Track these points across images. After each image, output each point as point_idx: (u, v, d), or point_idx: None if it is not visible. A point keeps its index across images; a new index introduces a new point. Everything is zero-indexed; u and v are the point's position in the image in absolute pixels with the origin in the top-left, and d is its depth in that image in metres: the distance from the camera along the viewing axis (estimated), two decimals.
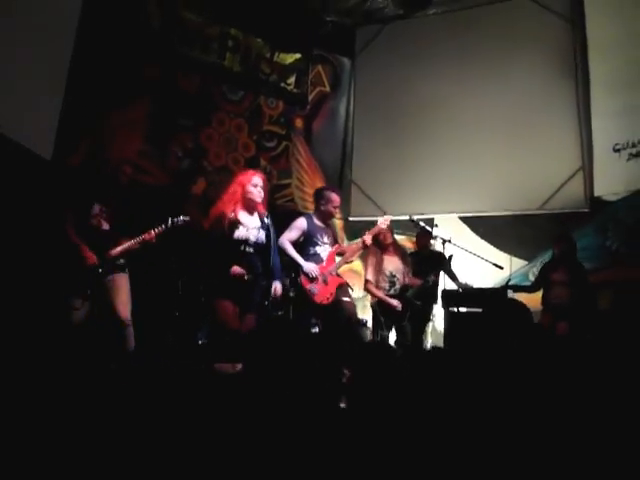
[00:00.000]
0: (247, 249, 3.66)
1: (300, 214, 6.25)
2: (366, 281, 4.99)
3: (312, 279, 4.14)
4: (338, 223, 6.48)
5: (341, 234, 6.55)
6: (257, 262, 3.68)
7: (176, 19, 5.73)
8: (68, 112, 4.92)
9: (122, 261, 3.79)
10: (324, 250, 4.31)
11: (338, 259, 4.38)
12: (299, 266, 4.17)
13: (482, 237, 6.84)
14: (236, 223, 3.64)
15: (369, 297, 5.21)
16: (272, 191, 6.19)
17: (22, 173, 4.38)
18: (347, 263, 4.56)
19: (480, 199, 6.24)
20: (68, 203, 3.87)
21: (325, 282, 4.19)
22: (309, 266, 4.15)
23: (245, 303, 3.62)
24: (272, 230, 3.73)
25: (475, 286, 5.30)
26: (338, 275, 4.34)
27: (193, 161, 5.75)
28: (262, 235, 3.71)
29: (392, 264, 4.98)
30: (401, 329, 4.96)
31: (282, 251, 4.17)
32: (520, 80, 6.08)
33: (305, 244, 4.28)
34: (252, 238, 3.68)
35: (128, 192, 4.04)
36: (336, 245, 4.46)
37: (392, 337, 5.14)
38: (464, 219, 6.79)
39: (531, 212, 6.13)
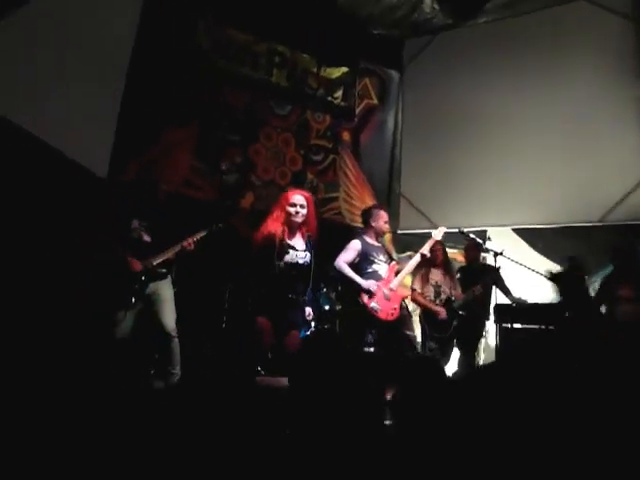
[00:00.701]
0: (292, 272, 3.65)
1: (348, 227, 6.29)
2: (412, 290, 4.98)
3: (371, 295, 4.12)
4: (387, 237, 6.37)
5: (390, 247, 6.45)
6: (300, 283, 3.68)
7: (224, 38, 5.87)
8: (122, 131, 5.13)
9: (164, 270, 3.83)
10: (381, 267, 4.30)
11: (397, 274, 4.35)
12: (357, 285, 4.16)
13: (539, 251, 6.55)
14: (286, 247, 3.64)
15: (417, 311, 5.12)
16: (319, 204, 6.20)
17: (79, 190, 4.58)
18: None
19: (535, 211, 5.97)
20: (113, 217, 4.01)
21: (387, 298, 4.18)
22: (368, 282, 4.15)
23: (288, 322, 3.61)
24: (312, 253, 3.72)
25: (529, 301, 5.06)
26: (399, 290, 4.32)
27: (241, 176, 5.83)
28: (308, 258, 3.70)
29: (438, 276, 4.98)
30: (446, 341, 4.84)
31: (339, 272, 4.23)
32: (577, 87, 5.82)
33: (362, 264, 4.28)
34: (300, 262, 3.68)
35: (172, 207, 4.14)
36: (394, 262, 4.45)
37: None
38: (519, 231, 6.53)
39: (591, 224, 5.82)
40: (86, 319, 3.83)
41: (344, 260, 4.24)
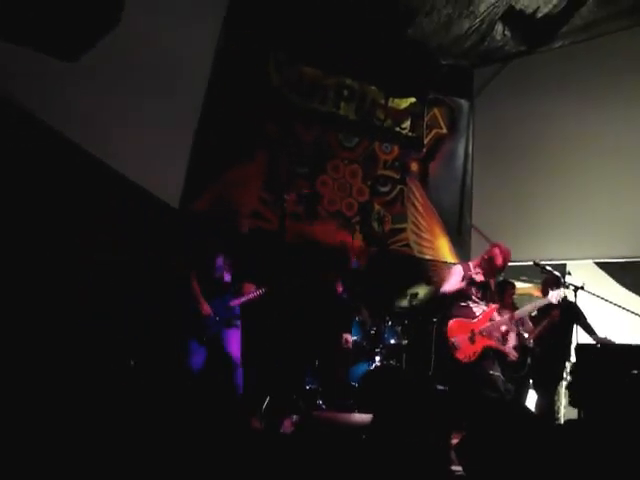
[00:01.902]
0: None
1: (415, 260, 6.13)
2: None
3: (459, 331, 3.94)
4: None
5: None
6: None
7: (295, 74, 6.03)
8: (195, 164, 5.35)
9: (236, 320, 3.99)
10: (478, 306, 4.07)
11: (493, 320, 4.09)
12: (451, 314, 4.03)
13: (627, 287, 6.05)
14: None
15: None
16: (387, 236, 6.11)
17: (152, 219, 4.79)
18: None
19: (620, 242, 5.55)
20: (194, 253, 4.15)
21: (472, 340, 3.94)
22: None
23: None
24: None
25: (616, 342, 4.64)
26: (489, 338, 4.02)
27: (308, 207, 5.86)
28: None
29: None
30: (520, 381, 4.52)
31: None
32: None
33: (457, 297, 4.08)
34: None
35: (248, 241, 4.23)
36: (494, 305, 4.16)
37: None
38: (602, 265, 6.08)
39: None
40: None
41: (454, 287, 4.10)
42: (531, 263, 4.60)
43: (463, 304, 4.05)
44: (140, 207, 4.59)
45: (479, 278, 4.11)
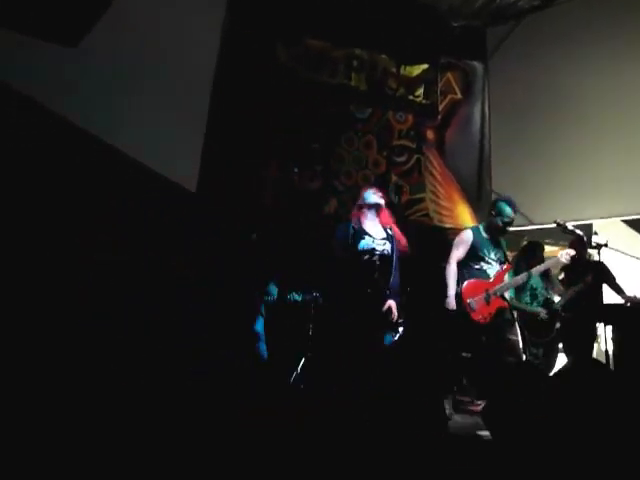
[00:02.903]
0: (373, 259, 3.60)
1: (437, 229, 6.05)
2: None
3: (473, 292, 3.92)
4: None
5: None
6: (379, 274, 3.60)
7: (302, 49, 5.94)
8: (209, 149, 5.34)
9: None
10: (491, 267, 4.05)
11: (507, 280, 4.08)
12: (445, 294, 4.02)
13: None
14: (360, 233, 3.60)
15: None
16: (405, 206, 6.03)
17: (169, 204, 4.82)
18: None
19: None
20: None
21: (487, 301, 3.94)
22: (451, 302, 3.97)
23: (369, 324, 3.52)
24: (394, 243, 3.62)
25: None
26: (503, 297, 4.03)
27: (324, 182, 5.82)
28: (388, 247, 3.65)
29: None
30: (549, 345, 4.46)
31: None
32: None
33: (469, 259, 4.07)
34: (378, 249, 3.62)
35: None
36: (507, 265, 4.16)
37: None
38: (630, 223, 5.92)
39: None
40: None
41: (456, 258, 4.08)
42: (554, 225, 4.52)
43: (477, 266, 4.02)
44: (156, 191, 4.62)
45: (486, 236, 4.16)
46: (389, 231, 3.77)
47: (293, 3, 5.82)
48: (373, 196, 3.90)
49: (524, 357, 4.57)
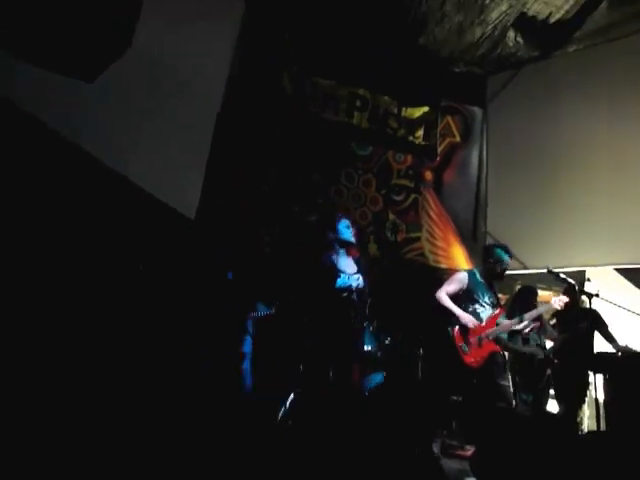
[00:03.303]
0: (351, 296, 3.60)
1: (431, 269, 6.08)
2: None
3: (466, 334, 3.90)
4: None
5: None
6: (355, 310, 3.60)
7: (308, 85, 6.08)
8: (211, 175, 5.40)
9: None
10: (484, 311, 4.04)
11: (500, 323, 4.05)
12: (456, 317, 3.97)
13: None
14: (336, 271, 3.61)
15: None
16: (401, 245, 6.09)
17: (169, 231, 4.84)
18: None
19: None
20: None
21: (479, 344, 3.92)
22: (468, 317, 3.93)
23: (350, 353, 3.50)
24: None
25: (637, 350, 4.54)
26: (495, 342, 4.00)
27: (322, 216, 5.87)
28: (361, 282, 3.66)
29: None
30: (540, 391, 4.44)
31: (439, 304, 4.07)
32: None
33: (463, 300, 4.07)
34: (353, 285, 3.63)
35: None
36: (500, 309, 4.15)
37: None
38: (622, 272, 5.97)
39: None
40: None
41: (445, 291, 4.08)
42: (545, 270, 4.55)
43: (470, 309, 4.02)
44: (156, 218, 4.65)
45: (481, 280, 4.13)
46: (358, 263, 3.74)
47: (303, 40, 5.97)
48: (348, 232, 3.84)
49: (514, 403, 4.54)
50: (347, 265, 3.73)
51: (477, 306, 4.05)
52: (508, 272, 5.80)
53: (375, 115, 6.33)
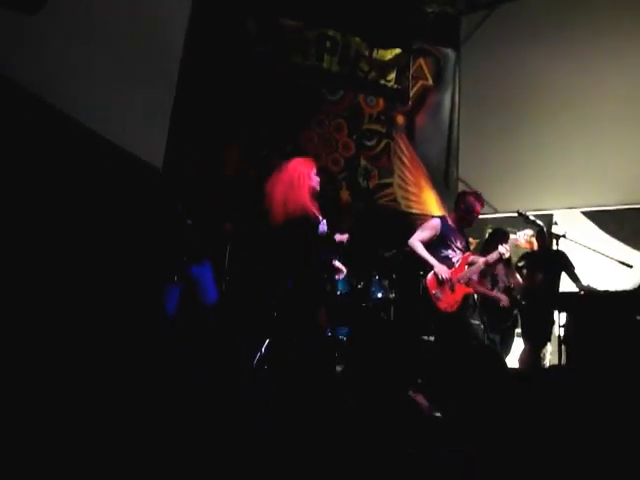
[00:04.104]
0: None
1: (403, 214, 6.10)
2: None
3: (440, 282, 3.96)
4: None
5: None
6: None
7: (274, 28, 5.84)
8: (177, 125, 5.24)
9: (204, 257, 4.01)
10: (456, 255, 4.13)
11: (469, 267, 4.15)
12: (430, 266, 4.02)
13: (612, 234, 6.09)
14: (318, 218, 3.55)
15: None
16: (373, 191, 6.06)
17: (135, 181, 4.73)
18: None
19: (606, 191, 5.58)
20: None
21: (452, 289, 4.00)
22: (441, 268, 3.98)
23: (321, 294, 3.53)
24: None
25: (599, 288, 4.70)
26: (467, 284, 4.11)
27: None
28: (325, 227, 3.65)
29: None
30: (507, 331, 4.60)
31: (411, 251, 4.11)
32: None
33: (437, 246, 4.13)
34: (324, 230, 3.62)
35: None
36: (468, 253, 4.25)
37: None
38: (588, 214, 6.11)
39: None
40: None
41: (419, 238, 4.12)
42: (516, 214, 4.61)
43: (443, 254, 4.09)
44: (123, 167, 4.53)
45: (453, 226, 4.22)
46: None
47: None
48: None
49: (485, 341, 4.70)
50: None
51: (450, 251, 4.12)
52: (481, 217, 5.92)
53: (346, 58, 6.14)
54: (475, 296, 4.53)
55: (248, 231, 4.23)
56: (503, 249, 4.13)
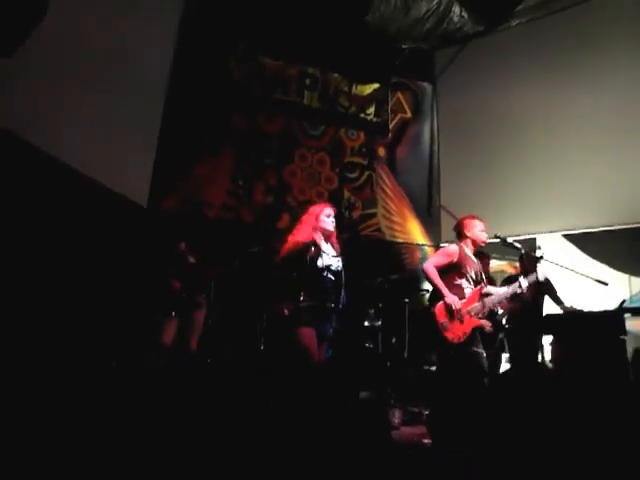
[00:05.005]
0: (329, 275, 3.64)
1: (388, 244, 6.18)
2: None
3: (450, 312, 3.82)
4: (429, 250, 6.21)
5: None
6: (332, 291, 3.62)
7: (255, 66, 6.02)
8: (161, 162, 5.33)
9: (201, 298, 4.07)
10: (468, 286, 3.97)
11: (483, 298, 4.00)
12: (441, 294, 3.87)
13: (594, 257, 6.18)
14: (319, 251, 3.62)
15: None
16: (357, 222, 6.15)
17: (121, 218, 4.76)
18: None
19: (586, 214, 5.67)
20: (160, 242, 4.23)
21: (461, 321, 3.85)
22: (452, 298, 3.83)
23: (321, 333, 3.54)
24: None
25: (584, 310, 4.75)
26: (478, 317, 3.94)
27: (278, 198, 5.88)
28: (340, 264, 3.69)
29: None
30: (493, 356, 4.58)
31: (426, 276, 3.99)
32: (619, 84, 5.54)
33: (451, 273, 3.96)
34: (333, 266, 3.66)
35: (214, 229, 4.29)
36: (481, 284, 4.08)
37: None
38: (570, 237, 6.20)
39: None
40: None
41: (434, 263, 3.96)
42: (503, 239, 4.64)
43: (457, 282, 3.97)
44: (108, 207, 4.57)
45: (470, 255, 4.09)
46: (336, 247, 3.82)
47: (247, 20, 5.89)
48: (328, 220, 3.87)
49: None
50: (326, 246, 3.77)
51: (463, 280, 3.99)
52: None
53: (326, 94, 6.33)
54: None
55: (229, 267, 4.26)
56: (520, 288, 4.02)
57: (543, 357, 4.38)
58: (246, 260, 4.22)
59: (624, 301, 5.12)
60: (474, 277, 4.04)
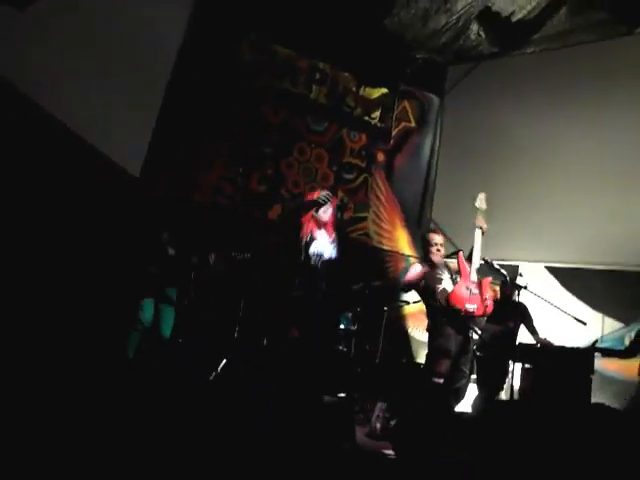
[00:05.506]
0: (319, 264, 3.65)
1: (374, 249, 6.17)
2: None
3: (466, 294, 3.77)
4: (413, 261, 6.22)
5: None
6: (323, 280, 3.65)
7: (267, 53, 5.95)
8: (156, 142, 5.23)
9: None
10: (446, 282, 3.97)
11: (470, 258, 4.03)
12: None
13: (572, 292, 6.26)
14: (312, 239, 3.63)
15: None
16: (347, 223, 6.12)
17: (111, 186, 4.68)
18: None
19: (570, 250, 5.73)
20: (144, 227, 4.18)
21: (471, 292, 3.81)
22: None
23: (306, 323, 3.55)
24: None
25: (556, 344, 4.80)
26: (480, 278, 3.95)
27: (271, 187, 5.83)
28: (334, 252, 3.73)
29: None
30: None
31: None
32: (620, 124, 5.61)
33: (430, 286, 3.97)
34: (326, 255, 3.69)
35: (203, 215, 4.26)
36: (460, 251, 4.21)
37: None
38: (552, 270, 6.27)
39: (630, 269, 5.53)
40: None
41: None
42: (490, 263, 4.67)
43: (440, 289, 3.99)
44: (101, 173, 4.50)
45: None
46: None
47: (265, 7, 5.81)
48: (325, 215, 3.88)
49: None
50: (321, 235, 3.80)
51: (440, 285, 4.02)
52: (449, 260, 5.99)
53: (333, 91, 6.28)
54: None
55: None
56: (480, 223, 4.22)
57: (512, 384, 4.44)
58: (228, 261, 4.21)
59: (596, 341, 5.22)
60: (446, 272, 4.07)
